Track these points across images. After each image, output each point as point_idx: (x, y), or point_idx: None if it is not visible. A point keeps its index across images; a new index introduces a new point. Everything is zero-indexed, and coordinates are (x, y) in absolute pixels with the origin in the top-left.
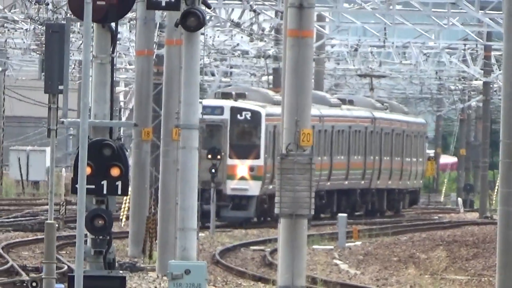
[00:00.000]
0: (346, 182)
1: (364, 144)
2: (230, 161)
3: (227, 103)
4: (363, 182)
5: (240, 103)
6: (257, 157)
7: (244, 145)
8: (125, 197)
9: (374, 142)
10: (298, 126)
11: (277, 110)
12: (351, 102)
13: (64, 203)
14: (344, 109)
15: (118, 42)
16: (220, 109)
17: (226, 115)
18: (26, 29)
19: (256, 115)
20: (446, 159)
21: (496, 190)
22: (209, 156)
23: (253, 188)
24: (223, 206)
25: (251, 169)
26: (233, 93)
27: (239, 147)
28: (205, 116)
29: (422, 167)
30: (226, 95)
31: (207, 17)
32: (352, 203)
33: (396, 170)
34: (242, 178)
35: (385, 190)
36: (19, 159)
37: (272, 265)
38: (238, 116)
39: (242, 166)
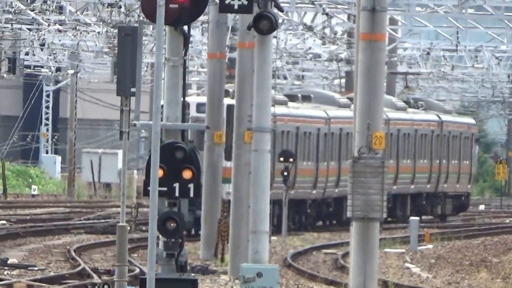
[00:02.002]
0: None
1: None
2: (225, 163)
3: (224, 101)
4: (395, 187)
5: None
6: None
7: None
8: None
9: (391, 144)
10: (370, 129)
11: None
12: None
13: (136, 206)
14: (353, 110)
15: (190, 45)
16: None
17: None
18: (99, 32)
19: None
20: None
21: None
22: (281, 159)
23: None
24: None
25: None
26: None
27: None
28: (199, 115)
29: (470, 170)
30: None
31: (280, 20)
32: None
33: (434, 173)
34: None
35: (423, 194)
36: (91, 162)
37: (344, 268)
38: None
39: None
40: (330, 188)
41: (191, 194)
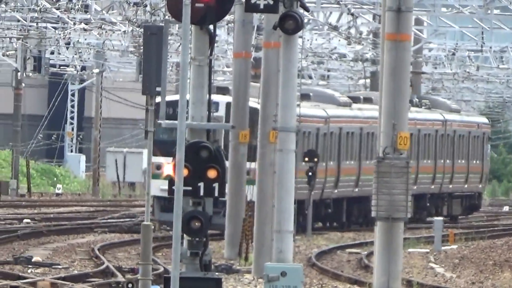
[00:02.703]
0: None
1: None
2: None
3: (223, 99)
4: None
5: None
6: (254, 159)
7: None
8: None
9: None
10: (395, 129)
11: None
12: (369, 100)
13: None
14: (354, 109)
15: (216, 44)
16: (214, 105)
17: (221, 112)
18: (124, 31)
19: (255, 112)
20: None
21: None
22: (306, 159)
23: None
24: (215, 212)
25: (247, 172)
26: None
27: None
28: None
29: (481, 170)
30: None
31: (305, 20)
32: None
33: (438, 173)
34: None
35: (426, 195)
36: (116, 161)
37: (368, 268)
38: None
39: None
40: (329, 189)
41: (216, 194)
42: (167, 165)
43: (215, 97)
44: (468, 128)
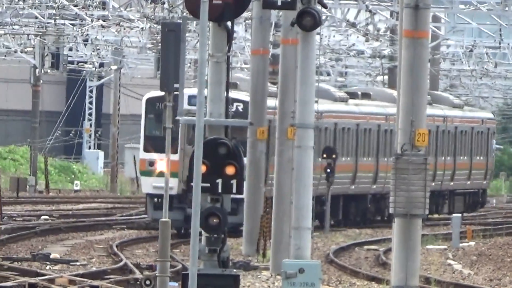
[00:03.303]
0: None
1: (376, 143)
2: None
3: None
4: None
5: (232, 93)
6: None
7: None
8: None
9: (391, 140)
10: (413, 126)
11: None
12: (367, 96)
13: None
14: (350, 104)
15: (233, 41)
16: None
17: None
18: (142, 28)
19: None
20: None
21: None
22: (324, 156)
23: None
24: None
25: None
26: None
27: None
28: (191, 107)
29: (485, 166)
30: None
31: (323, 17)
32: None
33: (439, 170)
34: None
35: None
36: (134, 157)
37: (386, 264)
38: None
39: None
40: (321, 186)
41: (234, 190)
42: (160, 162)
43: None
44: (471, 124)
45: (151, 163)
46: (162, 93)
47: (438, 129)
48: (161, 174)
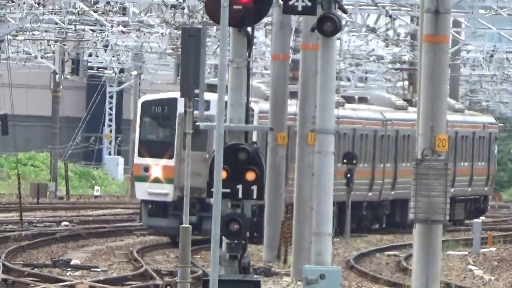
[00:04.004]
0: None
1: (373, 149)
2: None
3: (214, 97)
4: (393, 192)
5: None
6: None
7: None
8: None
9: (389, 146)
10: (433, 131)
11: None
12: (364, 100)
13: None
14: (347, 109)
15: (254, 46)
16: (206, 104)
17: (213, 110)
18: (162, 33)
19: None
20: None
21: None
22: (345, 161)
23: None
24: (205, 217)
25: None
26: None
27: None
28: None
29: (487, 172)
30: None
31: (343, 22)
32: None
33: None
34: None
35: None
36: None
37: (406, 270)
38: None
39: None
40: (339, 192)
41: (255, 196)
42: (155, 167)
43: (206, 95)
44: (472, 129)
45: (146, 169)
46: (158, 97)
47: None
48: (156, 180)
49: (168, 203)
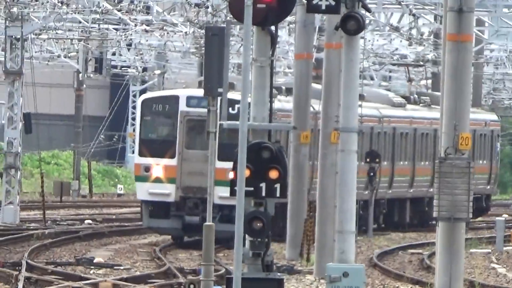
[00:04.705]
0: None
1: (369, 147)
2: (219, 164)
3: None
4: (390, 191)
5: (233, 94)
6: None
7: (235, 144)
8: None
9: (386, 144)
10: (456, 130)
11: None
12: (360, 97)
13: None
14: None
15: (277, 45)
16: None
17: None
18: (186, 32)
19: None
20: None
21: None
22: (368, 160)
23: None
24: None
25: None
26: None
27: (231, 147)
28: (189, 109)
29: (489, 170)
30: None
31: (367, 21)
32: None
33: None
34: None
35: (424, 199)
36: None
37: (429, 268)
38: (230, 109)
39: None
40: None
41: (278, 194)
42: (157, 167)
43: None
44: (473, 126)
45: (147, 168)
46: (159, 94)
47: (436, 132)
48: (157, 180)
49: (170, 203)
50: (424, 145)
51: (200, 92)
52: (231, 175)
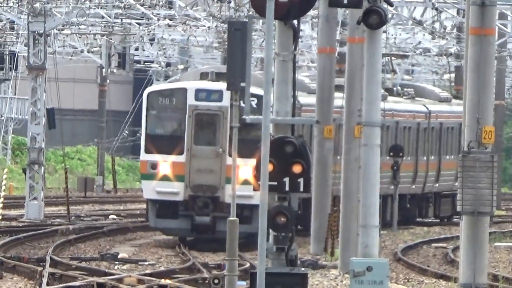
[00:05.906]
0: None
1: None
2: (229, 160)
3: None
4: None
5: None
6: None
7: (248, 139)
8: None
9: None
10: (479, 123)
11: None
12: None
13: None
14: (337, 98)
15: (300, 39)
16: (218, 94)
17: (226, 102)
18: (208, 27)
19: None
20: None
21: None
22: (391, 154)
23: (258, 195)
24: (219, 217)
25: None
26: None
27: (243, 142)
28: (198, 103)
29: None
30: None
31: (389, 15)
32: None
33: (420, 172)
34: (245, 182)
35: (406, 195)
36: None
37: (454, 262)
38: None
39: (244, 167)
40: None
41: (301, 189)
42: (164, 164)
43: (216, 85)
44: (461, 120)
45: (154, 165)
46: (165, 87)
47: (420, 126)
48: (164, 178)
49: (178, 202)
50: (407, 139)
51: (207, 85)
52: (247, 171)
